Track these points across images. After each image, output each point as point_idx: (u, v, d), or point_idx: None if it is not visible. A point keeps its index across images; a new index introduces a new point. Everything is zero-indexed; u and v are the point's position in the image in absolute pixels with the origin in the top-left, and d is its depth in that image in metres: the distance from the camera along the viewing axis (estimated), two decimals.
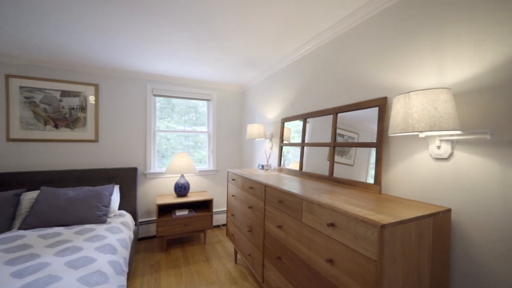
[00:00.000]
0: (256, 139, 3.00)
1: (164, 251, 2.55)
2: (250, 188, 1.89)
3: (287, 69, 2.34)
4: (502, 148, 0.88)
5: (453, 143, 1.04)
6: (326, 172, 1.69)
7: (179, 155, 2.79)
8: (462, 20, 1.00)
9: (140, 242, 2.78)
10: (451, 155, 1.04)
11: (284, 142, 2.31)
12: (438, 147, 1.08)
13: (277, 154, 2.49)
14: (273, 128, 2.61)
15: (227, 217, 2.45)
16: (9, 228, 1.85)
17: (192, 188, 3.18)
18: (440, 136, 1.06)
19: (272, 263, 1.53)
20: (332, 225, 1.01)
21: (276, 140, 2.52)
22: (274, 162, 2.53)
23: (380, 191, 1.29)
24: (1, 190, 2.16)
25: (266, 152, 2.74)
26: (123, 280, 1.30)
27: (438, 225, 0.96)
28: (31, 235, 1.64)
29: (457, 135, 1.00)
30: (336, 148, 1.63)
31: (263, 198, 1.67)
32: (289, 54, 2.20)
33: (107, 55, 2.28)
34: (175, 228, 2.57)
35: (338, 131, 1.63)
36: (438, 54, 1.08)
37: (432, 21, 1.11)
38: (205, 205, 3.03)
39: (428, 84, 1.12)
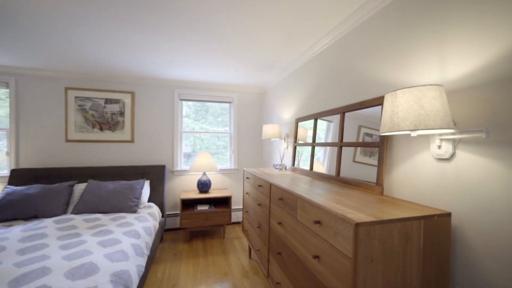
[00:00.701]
0: (273, 139, 3.06)
1: (187, 242, 2.79)
2: (259, 186, 1.97)
3: (300, 70, 2.36)
4: (506, 147, 0.80)
5: (455, 143, 0.97)
6: (348, 174, 1.55)
7: (201, 154, 3.01)
8: (465, 9, 0.93)
9: (168, 233, 3.08)
10: (453, 155, 0.97)
11: (299, 142, 2.33)
12: (439, 147, 1.01)
13: (292, 154, 2.51)
14: (288, 128, 2.64)
15: (242, 213, 2.57)
16: (64, 212, 2.27)
17: (213, 186, 3.39)
18: (440, 135, 1.00)
19: (275, 258, 1.59)
20: (318, 222, 1.04)
21: (292, 140, 2.54)
22: (290, 162, 2.56)
23: (382, 192, 1.25)
24: (60, 182, 2.65)
25: (280, 152, 2.78)
26: (141, 260, 1.51)
27: (432, 229, 0.91)
28: (78, 219, 2.00)
29: (451, 134, 0.94)
30: (363, 148, 1.47)
31: (268, 196, 1.74)
32: (302, 54, 2.21)
33: (142, 67, 2.62)
34: (197, 222, 2.79)
35: (366, 130, 1.51)
36: (440, 48, 1.02)
37: (434, 12, 1.05)
38: (225, 202, 3.21)
39: (430, 80, 1.06)
